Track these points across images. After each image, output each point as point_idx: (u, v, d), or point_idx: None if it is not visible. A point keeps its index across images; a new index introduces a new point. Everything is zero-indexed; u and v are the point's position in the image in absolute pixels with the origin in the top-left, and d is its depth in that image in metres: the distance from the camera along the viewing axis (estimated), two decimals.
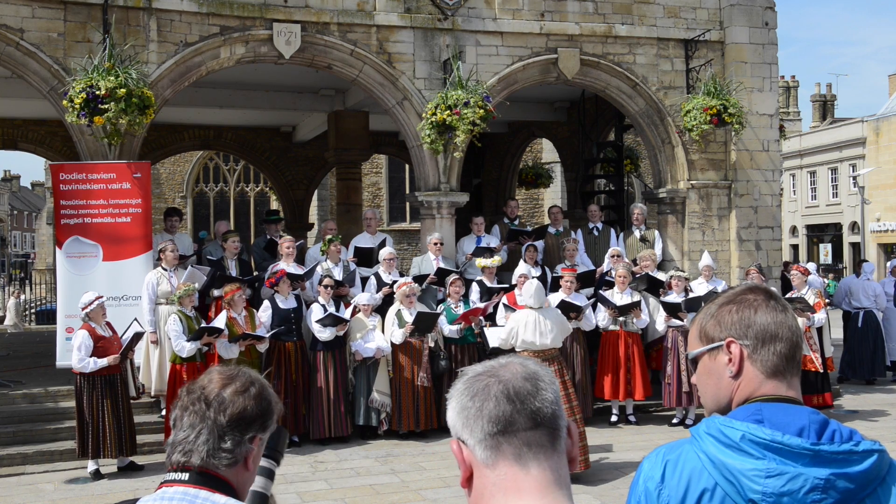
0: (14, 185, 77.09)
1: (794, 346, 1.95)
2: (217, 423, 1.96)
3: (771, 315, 1.96)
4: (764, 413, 1.87)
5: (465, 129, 11.40)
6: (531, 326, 8.84)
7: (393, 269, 11.54)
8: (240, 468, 2.01)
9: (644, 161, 18.15)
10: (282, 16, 11.49)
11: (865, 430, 10.86)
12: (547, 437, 1.53)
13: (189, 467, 1.96)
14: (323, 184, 25.37)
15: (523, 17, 12.60)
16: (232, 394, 2.00)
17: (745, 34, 13.45)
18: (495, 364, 1.60)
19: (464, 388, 1.58)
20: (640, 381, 11.16)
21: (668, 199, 13.42)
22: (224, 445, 1.97)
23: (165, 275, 10.35)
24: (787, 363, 1.94)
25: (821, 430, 1.84)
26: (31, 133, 18.67)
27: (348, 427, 10.47)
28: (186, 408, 2.00)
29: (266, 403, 2.05)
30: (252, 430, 2.02)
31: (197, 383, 2.05)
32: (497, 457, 1.51)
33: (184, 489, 1.94)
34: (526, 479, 1.50)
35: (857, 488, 1.79)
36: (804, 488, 1.78)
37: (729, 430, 1.85)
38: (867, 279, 14.80)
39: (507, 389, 1.53)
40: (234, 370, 2.07)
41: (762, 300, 1.98)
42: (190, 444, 1.96)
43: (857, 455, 1.80)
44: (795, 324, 1.98)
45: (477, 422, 1.53)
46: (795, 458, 1.79)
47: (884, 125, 38.43)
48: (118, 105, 9.87)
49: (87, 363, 8.92)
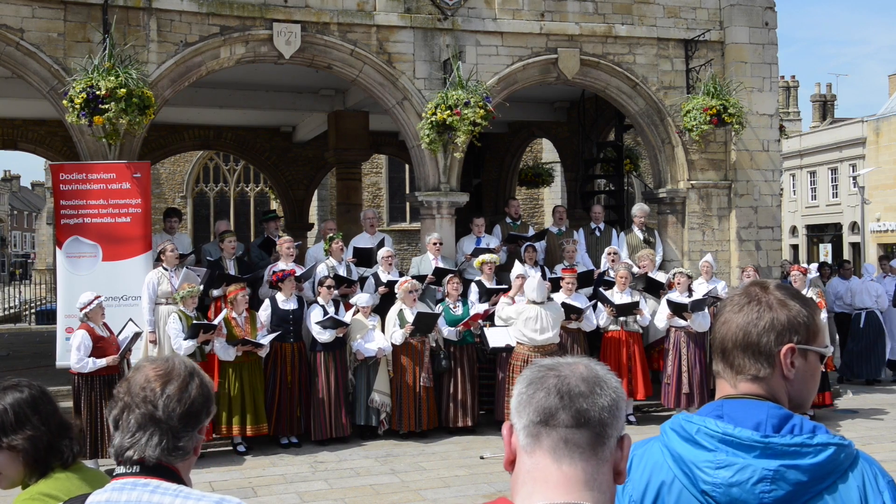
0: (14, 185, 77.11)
1: (742, 342, 1.95)
2: (169, 425, 1.98)
3: (736, 318, 1.98)
4: (724, 408, 1.93)
5: (465, 130, 11.40)
6: (532, 322, 8.86)
7: (392, 269, 11.54)
8: (190, 458, 2.05)
9: (644, 161, 18.14)
10: (282, 16, 11.49)
11: (865, 430, 10.89)
12: (588, 439, 1.54)
13: (142, 460, 1.97)
14: (323, 184, 25.36)
15: (523, 17, 12.60)
16: (177, 392, 2.00)
17: (745, 34, 13.45)
18: (563, 361, 1.63)
19: (526, 375, 1.62)
20: (641, 382, 11.16)
21: (668, 200, 13.42)
22: (179, 444, 2.00)
23: (166, 275, 10.34)
24: (745, 358, 1.95)
25: (780, 424, 1.86)
26: (31, 133, 18.68)
27: (348, 427, 10.46)
28: (130, 408, 1.99)
29: (207, 389, 2.06)
30: (201, 420, 2.04)
31: (134, 381, 2.02)
32: (535, 446, 1.55)
33: (133, 479, 1.96)
34: (556, 473, 1.53)
35: (811, 481, 1.81)
36: (752, 479, 1.82)
37: (688, 424, 1.92)
38: (869, 279, 14.81)
39: (561, 385, 1.56)
40: (166, 364, 2.05)
41: (736, 303, 2.01)
42: (142, 446, 1.97)
43: (811, 447, 1.82)
44: (756, 318, 1.96)
45: (525, 408, 1.57)
46: (746, 450, 1.83)
47: (884, 125, 38.43)
48: (118, 105, 9.86)
49: (86, 363, 8.92)
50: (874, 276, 15.14)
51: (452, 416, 10.77)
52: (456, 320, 10.80)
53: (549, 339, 8.79)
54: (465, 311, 10.94)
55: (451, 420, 10.77)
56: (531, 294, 9.01)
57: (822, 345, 1.97)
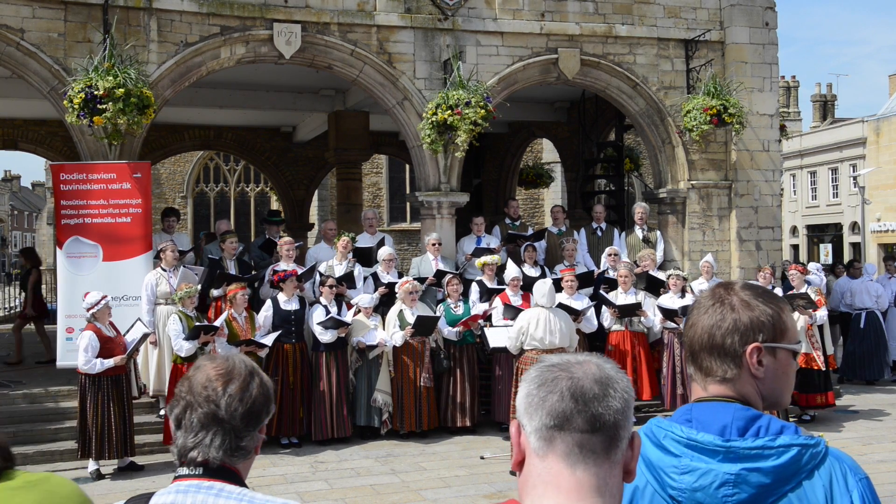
0: (14, 185, 77.10)
1: (708, 344, 1.95)
2: (232, 425, 1.98)
3: (701, 320, 1.98)
4: (693, 412, 1.94)
5: (466, 129, 11.40)
6: (542, 325, 8.90)
7: (392, 270, 11.54)
8: (250, 458, 2.05)
9: (644, 161, 18.15)
10: (282, 16, 11.49)
11: (865, 430, 10.88)
12: (602, 443, 1.52)
13: (206, 462, 1.98)
14: (323, 184, 25.36)
15: (523, 17, 12.60)
16: (238, 391, 2.00)
17: (745, 34, 13.45)
18: (572, 359, 1.59)
19: (535, 375, 1.58)
20: (646, 382, 11.16)
21: (668, 200, 13.42)
22: (241, 444, 2.00)
23: (165, 275, 10.35)
24: (712, 360, 1.95)
25: (746, 426, 1.87)
26: (32, 133, 18.67)
27: (349, 428, 10.46)
28: (192, 406, 1.99)
29: (267, 388, 2.06)
30: (261, 419, 2.04)
31: (195, 380, 2.01)
32: (548, 450, 1.53)
33: (197, 482, 1.96)
34: (569, 478, 1.51)
35: (775, 482, 1.83)
36: (715, 483, 1.84)
37: (657, 430, 1.94)
38: (869, 279, 14.80)
39: (574, 388, 1.53)
40: (227, 363, 2.04)
41: (702, 305, 2.01)
42: (206, 447, 1.97)
43: (772, 450, 1.83)
44: (720, 319, 1.95)
45: (538, 411, 1.54)
46: (710, 455, 1.86)
47: (884, 125, 38.42)
48: (116, 105, 9.85)
49: (94, 364, 8.90)
50: (874, 277, 15.14)
51: (452, 417, 10.78)
52: (457, 320, 10.80)
53: (556, 343, 8.85)
54: (465, 310, 10.96)
55: (452, 420, 10.77)
56: (541, 299, 9.06)
57: (792, 341, 1.97)
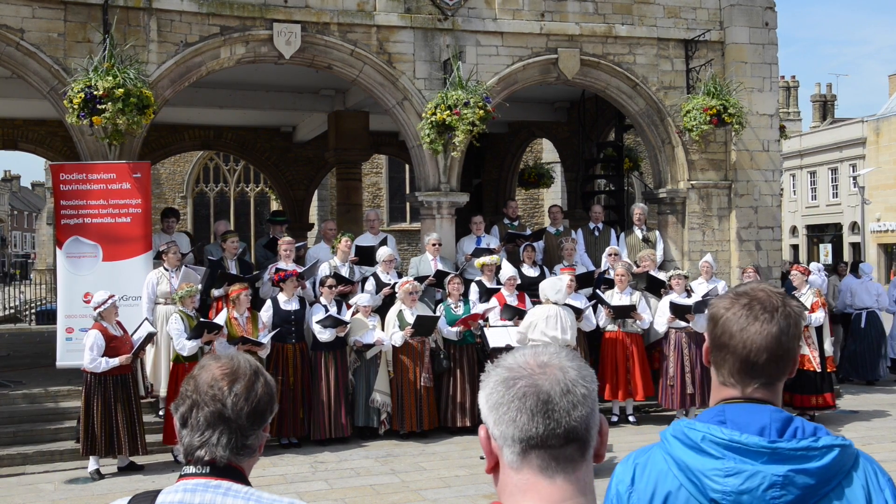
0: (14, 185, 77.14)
1: (776, 350, 1.94)
2: (238, 424, 1.99)
3: (766, 328, 1.96)
4: (727, 414, 1.92)
5: (464, 130, 11.40)
6: (552, 321, 8.92)
7: (392, 270, 11.54)
8: (255, 456, 2.07)
9: (644, 161, 18.15)
10: (282, 16, 11.49)
11: (865, 430, 10.88)
12: (577, 450, 1.52)
13: (213, 461, 1.99)
14: (323, 184, 25.37)
15: (523, 17, 12.60)
16: (244, 390, 2.01)
17: (745, 34, 13.45)
18: (534, 364, 1.53)
19: (500, 381, 1.53)
20: (640, 382, 11.16)
21: (668, 200, 13.42)
22: (247, 443, 2.02)
23: (166, 275, 10.35)
24: (747, 367, 1.95)
25: (783, 427, 1.87)
26: (31, 133, 18.68)
27: (348, 428, 10.46)
28: (198, 405, 2.00)
29: (271, 387, 2.08)
30: (266, 418, 2.06)
31: (201, 380, 2.03)
32: (523, 464, 1.51)
33: (205, 481, 1.98)
34: (549, 487, 1.50)
35: (819, 484, 1.82)
36: (763, 485, 1.82)
37: (691, 432, 1.90)
38: (869, 279, 14.81)
39: (544, 405, 1.49)
40: (231, 362, 2.06)
41: (735, 305, 2.00)
42: (213, 446, 1.99)
43: (816, 451, 1.83)
44: (786, 326, 1.95)
45: (508, 427, 1.51)
46: (754, 457, 1.84)
47: (884, 125, 38.44)
48: (116, 105, 9.85)
49: (99, 363, 8.90)
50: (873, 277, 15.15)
51: (452, 417, 10.78)
52: (457, 320, 10.81)
53: (567, 340, 8.87)
54: (465, 310, 10.96)
55: (452, 420, 10.78)
56: (553, 295, 9.07)
57: None
